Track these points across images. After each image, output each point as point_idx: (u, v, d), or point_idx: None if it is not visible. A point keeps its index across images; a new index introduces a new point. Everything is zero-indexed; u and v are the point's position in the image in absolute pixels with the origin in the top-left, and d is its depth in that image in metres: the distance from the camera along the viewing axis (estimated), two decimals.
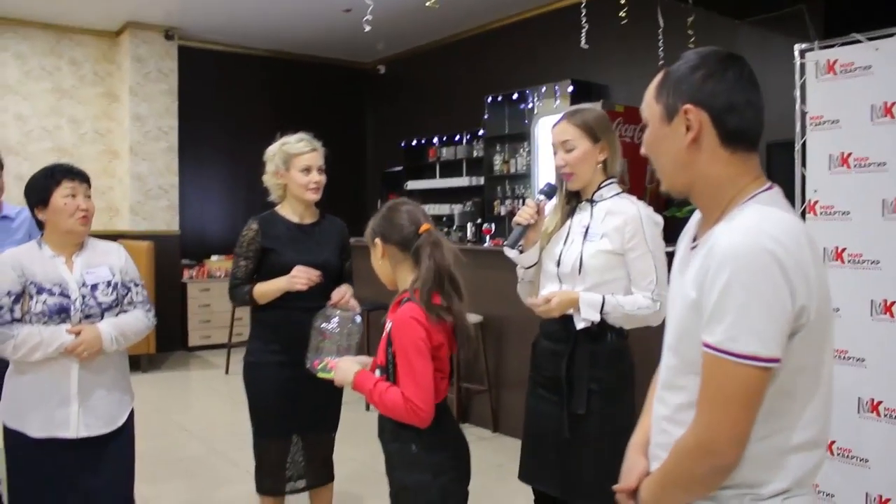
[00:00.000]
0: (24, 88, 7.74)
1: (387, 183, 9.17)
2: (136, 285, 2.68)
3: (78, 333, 2.45)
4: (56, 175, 2.53)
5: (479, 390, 5.12)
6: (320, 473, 3.12)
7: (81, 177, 2.57)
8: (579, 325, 2.39)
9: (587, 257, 2.40)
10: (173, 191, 8.12)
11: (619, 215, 2.43)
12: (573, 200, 2.53)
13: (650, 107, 1.42)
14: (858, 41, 3.43)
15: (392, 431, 2.14)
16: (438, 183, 8.21)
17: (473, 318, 4.92)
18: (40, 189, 2.52)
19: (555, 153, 2.50)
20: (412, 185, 8.51)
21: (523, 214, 2.46)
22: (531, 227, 2.50)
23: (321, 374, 2.42)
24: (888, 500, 3.25)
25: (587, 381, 2.39)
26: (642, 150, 1.48)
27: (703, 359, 1.29)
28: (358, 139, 9.69)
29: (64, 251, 2.55)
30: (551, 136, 2.51)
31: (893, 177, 3.30)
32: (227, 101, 8.91)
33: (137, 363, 7.14)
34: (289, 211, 3.01)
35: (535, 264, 2.54)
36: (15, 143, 7.66)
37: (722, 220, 1.34)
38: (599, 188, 2.49)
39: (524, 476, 2.57)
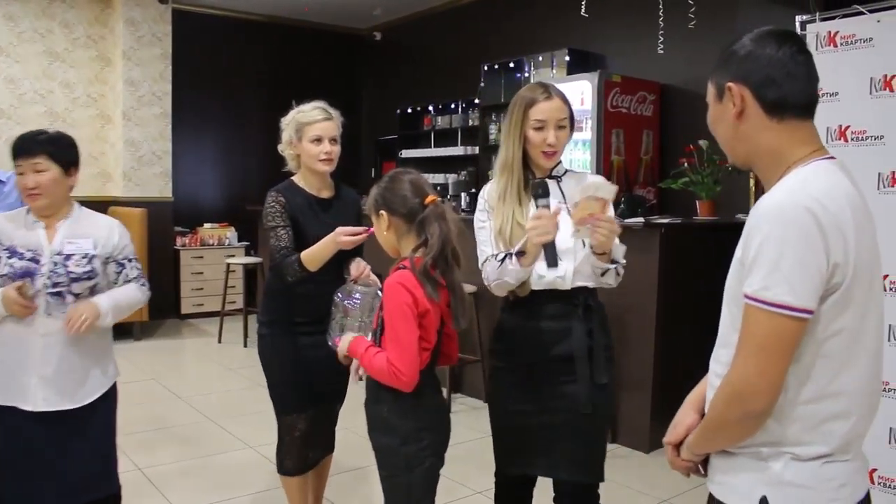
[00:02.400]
0: (16, 51, 7.62)
1: (381, 151, 9.13)
2: (130, 261, 2.60)
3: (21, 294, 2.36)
4: (11, 151, 2.45)
5: (471, 360, 5.14)
6: (325, 444, 3.07)
7: (28, 152, 2.43)
8: (608, 267, 2.32)
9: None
10: (166, 157, 8.05)
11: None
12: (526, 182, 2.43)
13: (708, 90, 1.53)
14: (861, 13, 3.40)
15: (372, 394, 2.22)
16: (433, 152, 8.14)
17: (468, 288, 4.91)
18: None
19: (539, 129, 2.34)
20: (406, 153, 8.44)
21: (549, 230, 2.16)
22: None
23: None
24: None
25: (602, 349, 2.39)
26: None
27: (744, 309, 1.36)
28: (353, 106, 9.60)
29: (43, 219, 2.50)
30: (539, 113, 2.34)
31: (891, 150, 3.30)
32: (221, 66, 8.82)
33: (130, 331, 7.14)
34: (305, 182, 2.90)
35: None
36: (7, 107, 7.57)
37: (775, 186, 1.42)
38: (556, 165, 2.46)
39: (519, 466, 2.46)
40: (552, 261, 2.18)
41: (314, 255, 2.69)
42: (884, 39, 3.31)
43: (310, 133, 2.80)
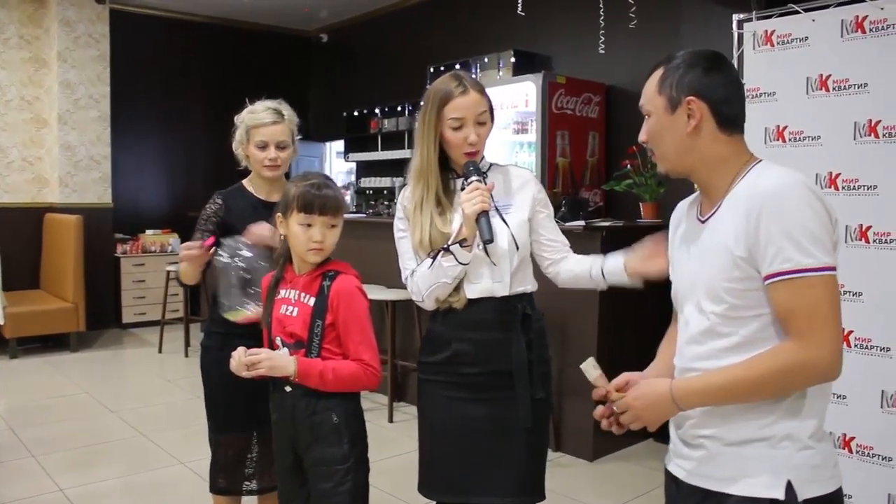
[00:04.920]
0: None
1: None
2: None
3: None
4: None
5: (413, 368, 5.01)
6: (274, 476, 2.73)
7: None
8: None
9: (517, 231, 2.18)
10: (105, 162, 7.80)
11: (520, 180, 2.27)
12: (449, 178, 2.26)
13: (653, 100, 1.59)
14: (796, 12, 3.36)
15: (306, 408, 2.14)
16: (380, 155, 8.02)
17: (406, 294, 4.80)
18: None
19: (457, 128, 2.14)
20: (353, 156, 8.32)
21: (485, 200, 2.03)
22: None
23: (230, 315, 2.39)
24: None
25: (540, 362, 2.23)
26: (642, 138, 1.64)
27: (781, 290, 1.41)
28: (299, 109, 9.33)
29: None
30: (456, 111, 2.13)
31: (827, 151, 3.26)
32: (163, 68, 8.58)
33: (66, 342, 6.90)
34: (255, 185, 2.76)
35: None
36: None
37: (739, 184, 1.51)
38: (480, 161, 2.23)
39: (448, 491, 2.23)
40: (488, 234, 2.01)
41: (183, 269, 2.60)
42: (819, 39, 3.27)
43: (256, 137, 2.66)
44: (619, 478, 3.96)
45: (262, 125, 2.65)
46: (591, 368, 1.72)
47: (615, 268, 2.19)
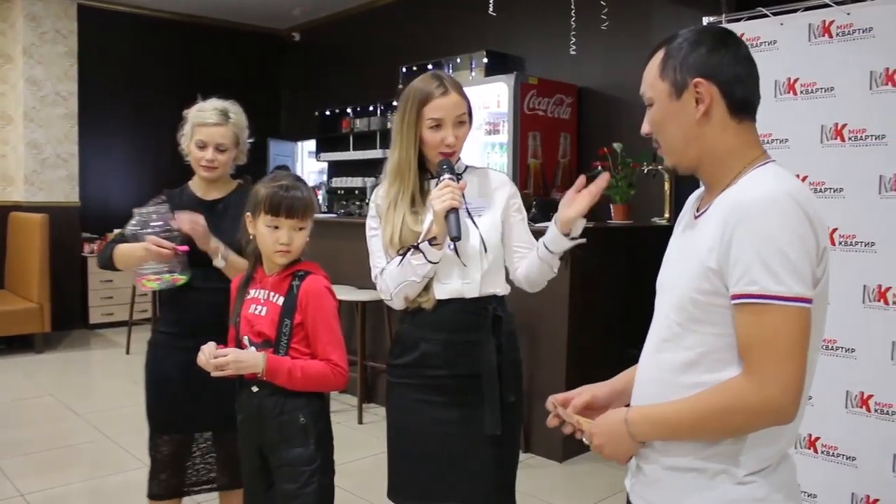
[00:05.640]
0: None
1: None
2: None
3: None
4: None
5: (383, 370, 4.99)
6: (233, 474, 2.65)
7: None
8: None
9: (487, 233, 2.16)
10: (73, 160, 7.70)
11: (495, 183, 2.25)
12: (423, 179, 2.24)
13: (655, 85, 1.44)
14: (765, 15, 3.39)
15: (274, 408, 2.13)
16: (352, 155, 7.99)
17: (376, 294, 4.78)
18: None
19: (435, 128, 2.12)
20: (325, 156, 8.28)
21: (455, 197, 2.00)
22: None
23: (149, 285, 2.45)
24: (876, 500, 3.05)
25: (511, 365, 2.20)
26: (645, 130, 1.49)
27: (742, 314, 1.28)
28: (271, 108, 9.38)
29: None
30: (435, 111, 2.12)
31: (796, 154, 3.28)
32: (133, 65, 8.47)
33: (31, 343, 6.79)
34: (195, 183, 2.73)
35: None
36: None
37: (733, 186, 1.36)
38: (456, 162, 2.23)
39: (418, 496, 2.21)
40: (455, 231, 1.96)
41: (123, 253, 2.53)
42: (787, 42, 3.30)
43: (196, 135, 2.61)
44: (588, 479, 3.97)
45: (204, 124, 2.60)
46: (570, 416, 1.63)
47: (551, 234, 2.09)
